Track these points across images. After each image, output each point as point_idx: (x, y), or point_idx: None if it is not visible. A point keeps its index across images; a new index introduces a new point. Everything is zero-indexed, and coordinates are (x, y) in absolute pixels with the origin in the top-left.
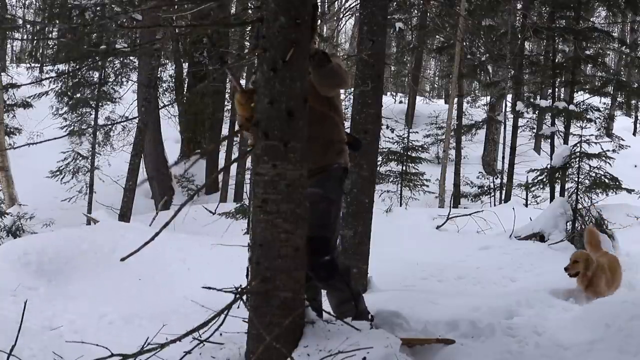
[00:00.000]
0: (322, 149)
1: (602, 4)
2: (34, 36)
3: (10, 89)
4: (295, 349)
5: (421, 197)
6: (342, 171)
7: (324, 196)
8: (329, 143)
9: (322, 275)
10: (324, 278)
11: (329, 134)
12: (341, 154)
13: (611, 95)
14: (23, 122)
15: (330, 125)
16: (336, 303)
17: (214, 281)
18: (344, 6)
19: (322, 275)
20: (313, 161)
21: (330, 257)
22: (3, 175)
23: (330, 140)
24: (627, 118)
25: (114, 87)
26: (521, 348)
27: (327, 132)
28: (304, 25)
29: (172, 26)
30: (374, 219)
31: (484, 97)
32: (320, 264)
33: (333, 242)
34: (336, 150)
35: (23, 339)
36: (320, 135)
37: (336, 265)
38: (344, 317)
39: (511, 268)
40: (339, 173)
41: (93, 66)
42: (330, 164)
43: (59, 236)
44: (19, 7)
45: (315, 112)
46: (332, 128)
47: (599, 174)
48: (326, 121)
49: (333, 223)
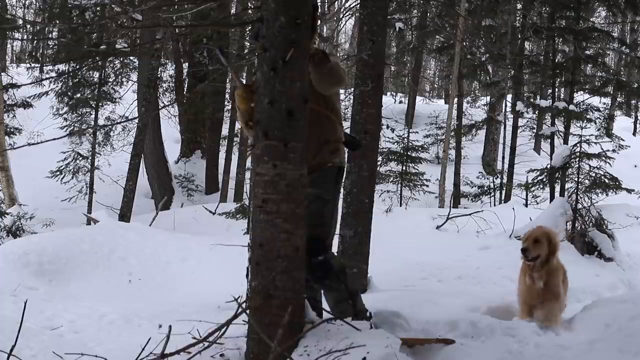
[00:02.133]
0: (317, 147)
1: (602, 4)
2: (34, 36)
3: (11, 89)
4: (295, 349)
5: (421, 197)
6: (337, 170)
7: (317, 196)
8: (324, 142)
9: (317, 274)
10: (320, 278)
11: (326, 133)
12: (336, 153)
13: (611, 95)
14: (23, 122)
15: (327, 125)
16: (333, 303)
17: (214, 281)
18: (344, 6)
19: (318, 275)
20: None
21: (325, 257)
22: (3, 175)
23: (327, 139)
24: (627, 118)
25: (114, 87)
26: (521, 348)
27: (324, 132)
28: (304, 25)
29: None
30: (374, 219)
31: (484, 97)
32: (315, 263)
33: (328, 242)
34: (331, 149)
35: (23, 339)
36: (316, 135)
37: (331, 265)
38: (343, 316)
39: (511, 268)
40: (334, 172)
41: (93, 66)
42: (324, 163)
43: (59, 236)
44: (19, 7)
45: (312, 112)
46: (329, 127)
47: (599, 174)
48: (323, 121)
49: (327, 223)
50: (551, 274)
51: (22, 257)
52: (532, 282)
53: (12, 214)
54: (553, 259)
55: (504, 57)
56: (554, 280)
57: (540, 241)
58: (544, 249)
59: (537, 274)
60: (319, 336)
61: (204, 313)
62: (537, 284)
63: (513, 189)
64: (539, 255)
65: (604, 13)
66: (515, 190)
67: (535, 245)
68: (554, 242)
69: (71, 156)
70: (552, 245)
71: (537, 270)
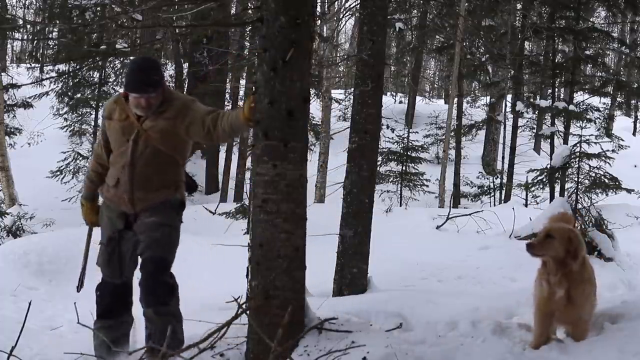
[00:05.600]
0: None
1: (602, 4)
2: (34, 36)
3: (11, 89)
4: (295, 349)
5: (421, 197)
6: (179, 202)
7: (163, 223)
8: (171, 182)
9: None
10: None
11: (173, 175)
12: (178, 190)
13: (611, 95)
14: (23, 122)
15: (175, 167)
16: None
17: (214, 281)
18: (344, 6)
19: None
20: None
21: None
22: (3, 175)
23: (174, 180)
24: (627, 118)
25: (114, 87)
26: (521, 348)
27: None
28: (304, 25)
29: (172, 26)
30: (374, 219)
31: (484, 97)
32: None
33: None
34: (175, 186)
35: (23, 339)
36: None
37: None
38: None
39: (511, 268)
40: (177, 203)
41: (93, 66)
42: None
43: (59, 236)
44: (19, 7)
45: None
46: (176, 169)
47: (599, 174)
48: (172, 164)
49: (173, 248)
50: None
51: (22, 257)
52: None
53: (12, 214)
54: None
55: (503, 57)
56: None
57: (553, 237)
58: (556, 248)
59: (553, 278)
60: (319, 336)
61: (204, 313)
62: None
63: (513, 189)
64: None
65: (604, 13)
66: (515, 190)
67: (546, 242)
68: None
69: (71, 156)
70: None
71: (553, 273)
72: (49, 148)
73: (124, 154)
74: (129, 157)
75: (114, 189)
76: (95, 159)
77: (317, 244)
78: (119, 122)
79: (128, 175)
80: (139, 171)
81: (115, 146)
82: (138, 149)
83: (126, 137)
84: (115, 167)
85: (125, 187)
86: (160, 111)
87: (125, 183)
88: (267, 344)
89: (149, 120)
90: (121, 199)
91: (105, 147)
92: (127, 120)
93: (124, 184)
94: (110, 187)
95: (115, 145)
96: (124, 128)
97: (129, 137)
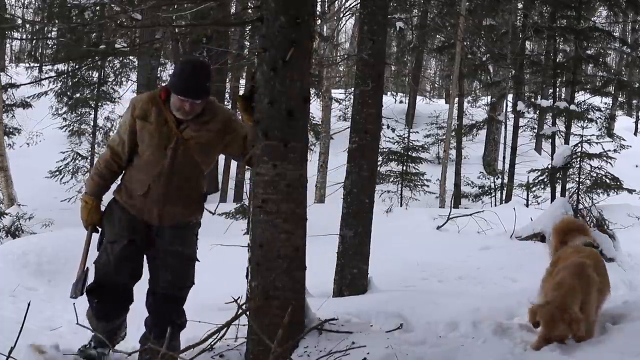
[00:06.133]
0: (194, 202)
1: (603, 4)
2: (33, 36)
3: (10, 88)
4: (295, 350)
5: (421, 197)
6: (199, 226)
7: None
8: (200, 196)
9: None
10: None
11: (201, 188)
12: (202, 208)
13: (612, 95)
14: (22, 122)
15: (203, 180)
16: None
17: (214, 281)
18: (344, 6)
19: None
20: (185, 214)
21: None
22: (2, 176)
23: (201, 194)
24: (628, 118)
25: (113, 87)
26: (522, 349)
27: (201, 187)
28: (304, 25)
29: (171, 26)
30: (374, 219)
31: (485, 97)
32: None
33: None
34: (201, 203)
35: (22, 339)
36: (197, 191)
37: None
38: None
39: (512, 268)
40: (197, 228)
41: (92, 66)
42: (193, 221)
43: (58, 236)
44: (19, 7)
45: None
46: (203, 183)
47: (600, 174)
48: (202, 177)
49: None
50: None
51: (21, 257)
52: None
53: (11, 214)
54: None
55: (504, 56)
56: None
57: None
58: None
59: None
60: (319, 337)
61: (203, 313)
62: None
63: (514, 189)
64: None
65: (605, 13)
66: (516, 190)
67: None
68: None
69: (70, 156)
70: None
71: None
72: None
73: (158, 162)
74: (167, 167)
75: (141, 198)
76: (112, 157)
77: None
78: (157, 125)
79: (163, 187)
80: (175, 184)
81: (147, 151)
82: (177, 159)
83: (163, 143)
84: (146, 174)
85: (157, 199)
86: (203, 121)
87: (158, 195)
88: (267, 344)
89: (190, 130)
90: (150, 211)
91: (129, 148)
92: (166, 126)
93: (157, 195)
94: (135, 195)
95: (148, 150)
96: (161, 133)
97: (168, 144)
